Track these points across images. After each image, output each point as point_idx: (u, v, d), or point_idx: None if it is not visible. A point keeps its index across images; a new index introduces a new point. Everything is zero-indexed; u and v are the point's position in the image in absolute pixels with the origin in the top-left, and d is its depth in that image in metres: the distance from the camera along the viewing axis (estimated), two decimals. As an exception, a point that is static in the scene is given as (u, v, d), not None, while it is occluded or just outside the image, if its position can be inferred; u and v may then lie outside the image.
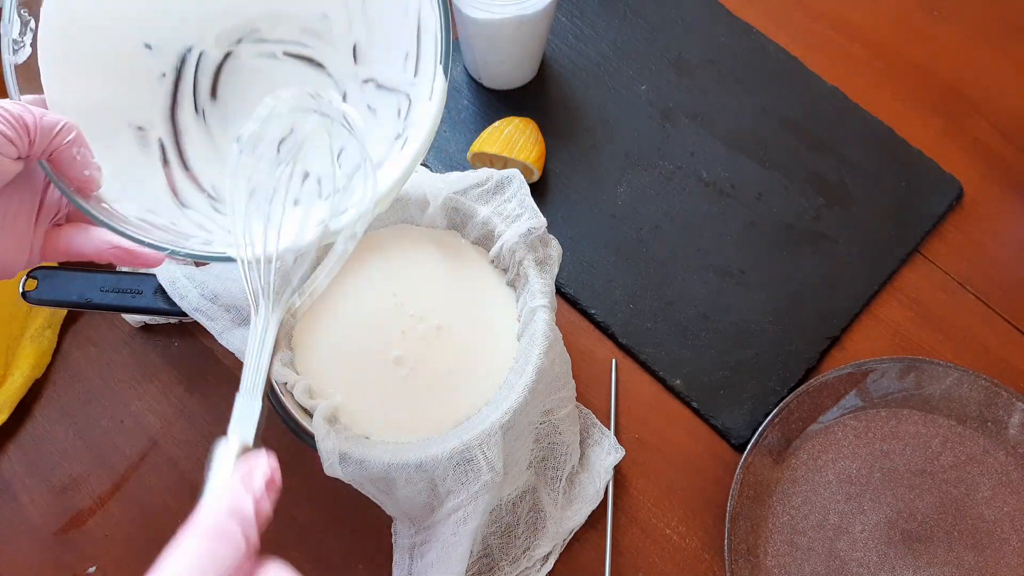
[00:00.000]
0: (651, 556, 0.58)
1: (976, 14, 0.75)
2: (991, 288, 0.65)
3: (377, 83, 0.47)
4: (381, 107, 0.46)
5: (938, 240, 0.67)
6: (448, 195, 0.55)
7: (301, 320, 0.55)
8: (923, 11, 0.75)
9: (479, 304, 0.55)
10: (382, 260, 0.56)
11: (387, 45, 0.47)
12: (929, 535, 0.58)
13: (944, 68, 0.73)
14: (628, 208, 0.67)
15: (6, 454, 0.59)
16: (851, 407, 0.60)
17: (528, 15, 0.61)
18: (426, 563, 0.51)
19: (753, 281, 0.65)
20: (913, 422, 0.60)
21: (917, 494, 0.59)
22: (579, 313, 0.64)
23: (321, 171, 0.46)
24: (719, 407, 0.61)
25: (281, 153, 0.43)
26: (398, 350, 0.53)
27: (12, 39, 0.41)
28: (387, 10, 0.46)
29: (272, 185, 0.41)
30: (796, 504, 0.58)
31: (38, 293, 0.54)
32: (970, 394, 0.60)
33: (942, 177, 0.68)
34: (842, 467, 0.59)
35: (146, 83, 0.46)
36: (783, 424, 0.59)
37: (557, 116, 0.70)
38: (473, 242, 0.57)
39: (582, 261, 0.65)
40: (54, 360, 0.62)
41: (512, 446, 0.51)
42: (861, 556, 0.57)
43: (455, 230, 0.58)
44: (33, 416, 0.60)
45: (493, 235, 0.55)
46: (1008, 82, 0.72)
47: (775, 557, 0.57)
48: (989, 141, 0.70)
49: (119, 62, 0.45)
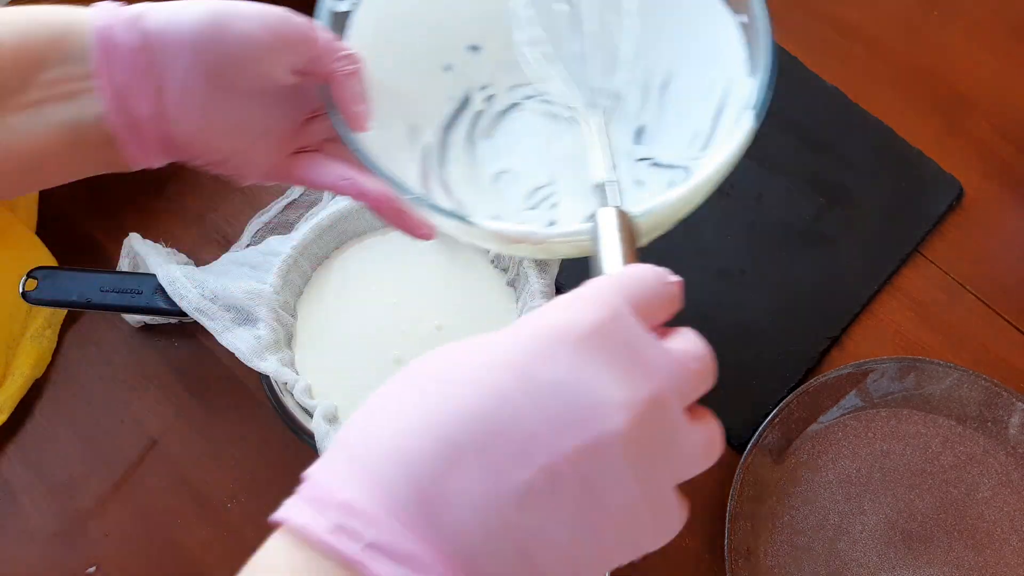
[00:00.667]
0: (651, 556, 0.57)
1: (976, 14, 0.75)
2: (991, 288, 0.65)
3: (653, 162, 0.47)
4: (651, 181, 0.47)
5: (938, 240, 0.67)
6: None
7: (301, 320, 0.55)
8: (923, 11, 0.75)
9: (479, 304, 0.55)
10: (382, 260, 0.56)
11: (677, 130, 0.47)
12: (929, 535, 0.58)
13: (944, 68, 0.73)
14: (628, 208, 0.67)
15: (6, 454, 0.59)
16: (851, 407, 0.60)
17: (528, 15, 0.61)
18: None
19: (753, 281, 0.65)
20: (913, 422, 0.60)
21: (917, 494, 0.59)
22: (579, 313, 0.64)
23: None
24: (719, 407, 0.61)
25: (533, 198, 0.46)
26: (398, 350, 0.53)
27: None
28: (687, 97, 0.47)
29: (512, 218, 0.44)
30: (796, 504, 0.58)
31: (38, 293, 0.54)
32: (970, 394, 0.60)
33: (942, 177, 0.68)
34: (842, 467, 0.59)
35: (433, 95, 0.48)
36: (783, 424, 0.59)
37: (557, 116, 0.69)
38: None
39: (582, 261, 0.65)
40: (54, 360, 0.62)
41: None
42: (861, 556, 0.57)
43: (455, 230, 0.58)
44: (33, 416, 0.60)
45: None
46: (1008, 82, 0.72)
47: (775, 557, 0.57)
48: (989, 141, 0.70)
49: (419, 65, 0.47)
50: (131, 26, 0.35)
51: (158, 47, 0.36)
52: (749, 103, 0.41)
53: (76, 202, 0.66)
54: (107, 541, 0.57)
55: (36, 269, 0.55)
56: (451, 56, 0.48)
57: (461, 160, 0.48)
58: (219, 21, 0.36)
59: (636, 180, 0.47)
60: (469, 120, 0.49)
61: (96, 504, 0.58)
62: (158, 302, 0.54)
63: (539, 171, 0.47)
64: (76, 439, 0.60)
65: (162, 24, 0.36)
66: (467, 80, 0.49)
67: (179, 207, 0.67)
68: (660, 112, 0.48)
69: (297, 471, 0.57)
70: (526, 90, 0.49)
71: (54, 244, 0.63)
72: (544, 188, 0.47)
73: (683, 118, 0.47)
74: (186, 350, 0.62)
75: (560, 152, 0.47)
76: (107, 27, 0.35)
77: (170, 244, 0.64)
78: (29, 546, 0.57)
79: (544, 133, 0.49)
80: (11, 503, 0.58)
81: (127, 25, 0.35)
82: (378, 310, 0.55)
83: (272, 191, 0.67)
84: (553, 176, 0.47)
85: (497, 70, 0.49)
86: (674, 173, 0.47)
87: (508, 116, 0.50)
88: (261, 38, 0.37)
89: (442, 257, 0.56)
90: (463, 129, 0.49)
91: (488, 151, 0.48)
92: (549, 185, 0.47)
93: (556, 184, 0.47)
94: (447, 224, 0.40)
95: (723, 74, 0.45)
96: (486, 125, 0.49)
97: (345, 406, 0.52)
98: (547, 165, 0.47)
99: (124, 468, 0.59)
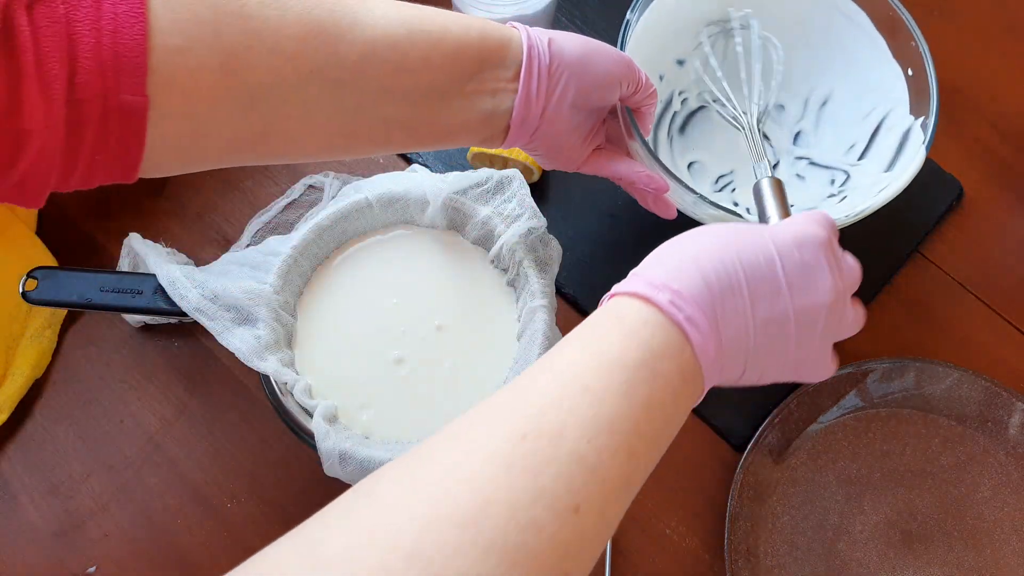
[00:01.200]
0: (651, 556, 0.58)
1: (976, 14, 0.75)
2: (991, 288, 0.65)
3: (810, 161, 0.64)
4: (811, 177, 0.64)
5: (938, 240, 0.67)
6: (448, 195, 0.55)
7: (301, 320, 0.55)
8: (923, 11, 0.75)
9: (479, 304, 0.55)
10: (382, 260, 0.56)
11: (833, 138, 0.63)
12: (929, 535, 0.58)
13: (944, 68, 0.73)
14: (628, 208, 0.67)
15: (6, 454, 0.59)
16: (851, 407, 0.60)
17: (528, 15, 0.61)
18: (426, 563, 0.51)
19: (753, 281, 0.65)
20: (913, 422, 0.60)
21: (917, 494, 0.59)
22: (579, 313, 0.64)
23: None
24: (719, 407, 0.61)
25: (718, 184, 0.64)
26: (398, 350, 0.53)
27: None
28: (842, 117, 0.63)
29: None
30: (796, 504, 0.58)
31: (38, 293, 0.54)
32: (970, 394, 0.60)
33: (942, 177, 0.68)
34: (842, 467, 0.59)
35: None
36: (783, 424, 0.59)
37: (557, 116, 0.70)
38: (473, 242, 0.57)
39: (582, 261, 0.65)
40: (54, 360, 0.62)
41: (512, 446, 0.51)
42: (861, 556, 0.57)
43: (455, 230, 0.58)
44: (33, 416, 0.60)
45: (493, 235, 0.55)
46: (1008, 82, 0.72)
47: (775, 557, 0.57)
48: (989, 141, 0.70)
49: (653, 75, 0.63)
50: (546, 49, 0.47)
51: (556, 66, 0.47)
52: (921, 142, 0.56)
53: (76, 202, 0.66)
54: (107, 541, 0.57)
55: (36, 269, 0.55)
56: (664, 68, 0.64)
57: (664, 153, 0.64)
58: (589, 55, 0.48)
59: (796, 174, 0.64)
60: (668, 120, 0.65)
61: (96, 504, 0.58)
62: (158, 302, 0.54)
63: (722, 163, 0.64)
64: (76, 439, 0.60)
65: (558, 50, 0.47)
66: (671, 86, 0.65)
67: (179, 207, 0.67)
68: (816, 122, 0.65)
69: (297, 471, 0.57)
70: (708, 96, 0.65)
71: (54, 244, 0.63)
72: (726, 176, 0.64)
73: (838, 132, 0.63)
74: (186, 350, 0.62)
75: (737, 150, 0.64)
76: (532, 47, 0.47)
77: (170, 244, 0.64)
78: (29, 546, 0.57)
79: (724, 135, 0.65)
80: (11, 503, 0.58)
81: (544, 48, 0.47)
82: (378, 310, 0.55)
83: (272, 191, 0.67)
84: (733, 167, 0.64)
85: (693, 82, 0.65)
86: (833, 173, 0.63)
87: (698, 116, 0.66)
88: (615, 72, 0.49)
89: (442, 257, 0.56)
90: (666, 127, 0.65)
91: (681, 146, 0.65)
92: (730, 174, 0.64)
93: (735, 174, 0.64)
94: (707, 213, 0.54)
95: (882, 104, 0.61)
96: (680, 120, 0.66)
97: (345, 406, 0.52)
98: (728, 159, 0.65)
99: (124, 468, 0.59)
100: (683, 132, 0.65)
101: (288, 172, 0.68)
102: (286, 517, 0.57)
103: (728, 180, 0.65)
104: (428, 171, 0.57)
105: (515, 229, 0.54)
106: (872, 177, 0.59)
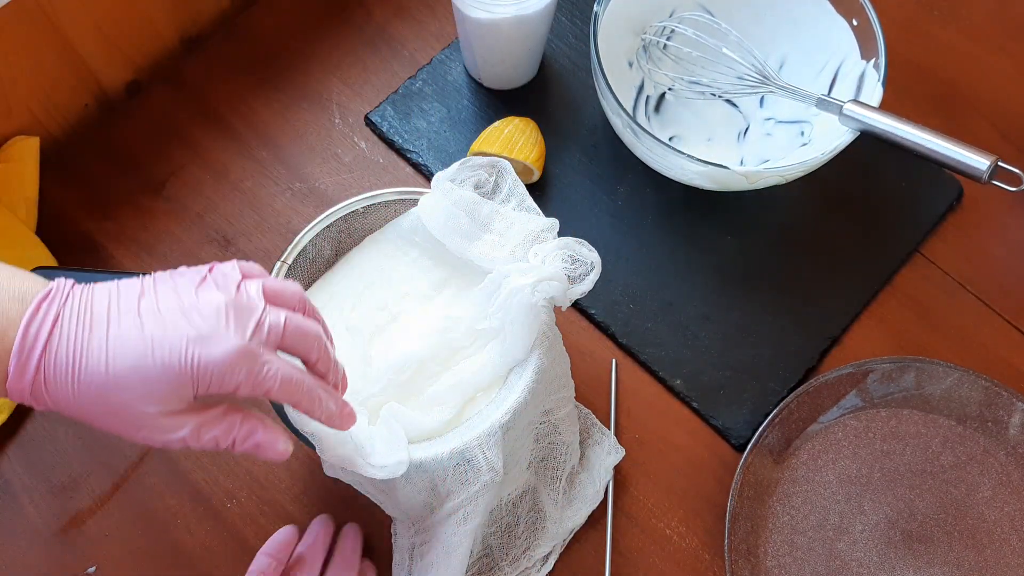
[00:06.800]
0: (651, 556, 0.58)
1: (976, 14, 0.75)
2: (991, 288, 0.65)
3: (776, 120, 0.68)
4: (779, 133, 0.68)
5: (938, 240, 0.67)
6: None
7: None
8: (923, 11, 0.75)
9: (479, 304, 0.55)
10: (380, 262, 0.56)
11: (791, 101, 0.65)
12: (929, 535, 0.58)
13: (944, 68, 0.73)
14: (628, 208, 0.67)
15: (6, 454, 0.59)
16: (851, 407, 0.60)
17: (528, 15, 0.61)
18: (426, 563, 0.51)
19: (753, 281, 0.65)
20: (913, 422, 0.60)
21: (917, 494, 0.59)
22: (579, 313, 0.64)
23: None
24: (719, 407, 0.61)
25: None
26: (397, 352, 0.53)
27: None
28: (800, 76, 0.67)
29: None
30: (796, 504, 0.58)
31: (38, 293, 0.54)
32: (970, 394, 0.60)
33: (942, 177, 0.68)
34: (842, 467, 0.59)
35: (624, 85, 0.69)
36: (783, 424, 0.59)
37: (557, 116, 0.70)
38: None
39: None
40: (54, 360, 0.62)
41: (512, 446, 0.51)
42: (861, 556, 0.57)
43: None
44: (33, 416, 0.60)
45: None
46: (1008, 82, 0.72)
47: (775, 557, 0.57)
48: (989, 141, 0.69)
49: (620, 62, 0.68)
50: (33, 368, 0.38)
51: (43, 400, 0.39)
52: (877, 79, 0.61)
53: (76, 202, 0.67)
54: (107, 541, 0.57)
55: (36, 269, 0.55)
56: (632, 55, 0.68)
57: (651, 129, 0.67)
58: (108, 392, 0.38)
59: (766, 133, 0.68)
60: (643, 102, 0.69)
61: (96, 504, 0.58)
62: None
63: (700, 133, 0.69)
64: (76, 439, 0.60)
65: (59, 379, 0.38)
66: (640, 72, 0.69)
67: (179, 207, 0.67)
68: (775, 91, 0.65)
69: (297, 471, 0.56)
70: (680, 76, 0.68)
71: (54, 244, 0.63)
72: (709, 142, 0.69)
73: (794, 95, 0.64)
74: (186, 350, 0.62)
75: (711, 119, 0.69)
76: (23, 347, 0.38)
77: (170, 244, 0.64)
78: (29, 546, 0.57)
79: (697, 108, 0.69)
80: (11, 503, 0.58)
81: (32, 366, 0.38)
82: (377, 311, 0.55)
83: (272, 191, 0.67)
84: (710, 135, 0.69)
85: (665, 65, 0.69)
86: (801, 126, 0.67)
87: (668, 97, 0.70)
88: (159, 394, 0.39)
89: (440, 259, 0.56)
90: (643, 109, 0.69)
91: (658, 124, 0.69)
92: (711, 140, 0.69)
93: (715, 139, 0.69)
94: (696, 171, 0.58)
95: (835, 56, 0.65)
96: (654, 104, 0.69)
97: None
98: (704, 129, 0.69)
99: (124, 468, 0.59)
100: (658, 111, 0.69)
101: (288, 172, 0.68)
102: (286, 517, 0.57)
103: (711, 145, 0.69)
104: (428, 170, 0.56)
105: (521, 279, 0.50)
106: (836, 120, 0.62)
